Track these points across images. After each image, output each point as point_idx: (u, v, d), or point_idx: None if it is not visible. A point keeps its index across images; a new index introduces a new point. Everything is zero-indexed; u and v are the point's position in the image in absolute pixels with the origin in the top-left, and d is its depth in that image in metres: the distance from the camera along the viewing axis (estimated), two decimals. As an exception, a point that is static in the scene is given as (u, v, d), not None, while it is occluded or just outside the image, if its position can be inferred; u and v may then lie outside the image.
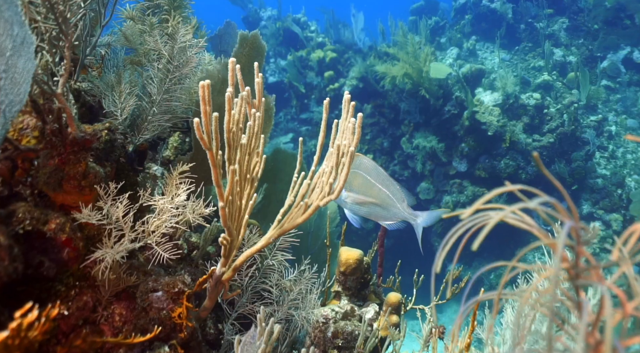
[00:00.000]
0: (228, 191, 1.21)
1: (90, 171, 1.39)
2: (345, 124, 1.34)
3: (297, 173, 1.47)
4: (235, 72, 1.28)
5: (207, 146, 1.12)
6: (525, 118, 7.17)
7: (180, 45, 1.95)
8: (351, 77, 8.54)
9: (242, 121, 1.24)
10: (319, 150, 1.45)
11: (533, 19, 9.20)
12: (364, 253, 2.44)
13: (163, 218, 1.41)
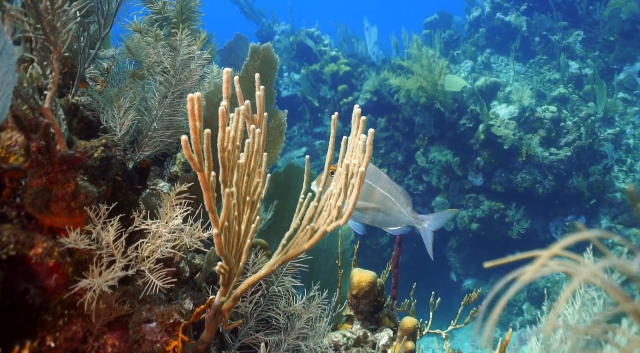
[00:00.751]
0: (223, 216, 1.09)
1: (80, 192, 1.30)
2: (355, 141, 1.22)
3: (304, 193, 1.36)
4: (232, 83, 1.18)
5: (198, 167, 1.00)
6: (541, 131, 7.03)
7: (183, 57, 1.85)
8: (365, 91, 8.45)
9: (240, 139, 1.14)
10: (326, 170, 1.35)
11: (548, 32, 9.08)
12: (378, 272, 2.32)
13: (157, 242, 1.31)
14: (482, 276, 7.55)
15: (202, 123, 0.96)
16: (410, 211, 2.09)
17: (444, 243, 7.76)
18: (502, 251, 7.30)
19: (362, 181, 1.10)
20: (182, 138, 0.94)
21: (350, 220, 1.94)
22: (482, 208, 7.11)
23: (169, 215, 1.39)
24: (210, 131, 0.98)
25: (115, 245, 1.29)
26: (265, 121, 1.31)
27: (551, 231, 7.12)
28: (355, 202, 1.13)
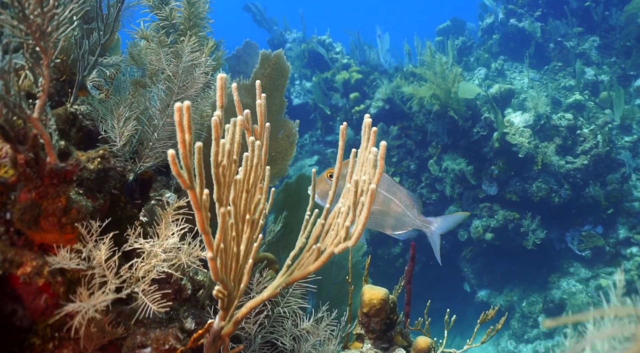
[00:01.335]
0: (219, 238, 1.00)
1: (73, 207, 1.21)
2: (365, 154, 1.11)
3: (310, 210, 1.27)
4: (226, 91, 1.09)
5: (187, 184, 0.91)
6: (557, 139, 6.92)
7: (185, 64, 1.78)
8: (377, 99, 8.37)
9: (238, 152, 1.05)
10: (334, 185, 1.26)
11: (562, 38, 8.96)
12: (390, 283, 2.22)
13: (152, 262, 1.23)
14: (496, 287, 7.42)
15: (192, 135, 0.87)
16: (417, 214, 1.99)
17: (458, 253, 7.65)
18: (517, 261, 7.18)
19: (373, 199, 1.01)
20: (169, 153, 0.85)
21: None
22: (496, 218, 6.99)
23: (164, 233, 1.30)
24: (201, 144, 0.89)
25: (108, 265, 1.21)
26: (267, 132, 1.22)
27: (567, 241, 6.99)
28: (365, 222, 1.03)
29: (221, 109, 0.95)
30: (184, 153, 0.86)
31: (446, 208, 7.55)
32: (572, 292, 6.70)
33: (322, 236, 1.16)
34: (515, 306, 7.11)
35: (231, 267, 1.08)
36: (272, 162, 2.28)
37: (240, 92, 2.22)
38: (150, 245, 1.26)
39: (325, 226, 1.17)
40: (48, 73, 1.16)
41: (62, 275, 1.24)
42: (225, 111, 1.03)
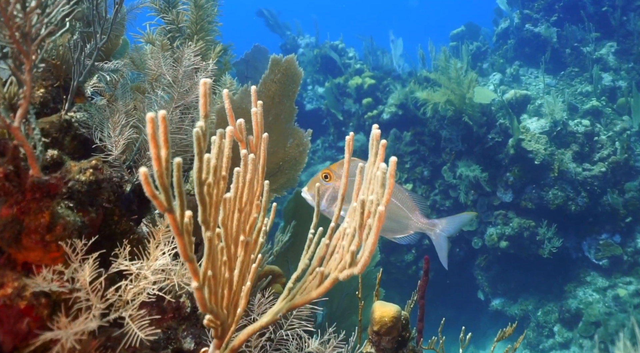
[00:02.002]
0: (205, 265, 0.89)
1: (57, 222, 1.12)
2: (373, 170, 1.00)
3: (314, 228, 1.17)
4: (211, 98, 0.99)
5: (164, 206, 0.79)
6: (574, 146, 6.79)
7: (186, 69, 1.68)
8: (390, 104, 8.29)
9: (227, 168, 0.95)
10: (339, 202, 1.15)
11: (579, 43, 8.82)
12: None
13: (141, 284, 1.13)
14: (511, 295, 7.29)
15: (170, 151, 0.77)
16: (420, 216, 1.89)
17: (472, 260, 7.53)
18: (532, 270, 7.06)
19: (382, 223, 0.90)
20: (141, 172, 0.75)
21: None
22: (511, 226, 6.87)
23: (154, 254, 1.21)
24: (180, 160, 0.79)
25: (93, 287, 1.11)
26: (264, 144, 1.12)
27: (584, 250, 6.85)
28: (372, 249, 0.92)
29: (204, 120, 0.85)
30: (159, 171, 0.76)
31: (460, 216, 7.42)
32: (589, 302, 6.57)
33: (327, 259, 1.06)
34: (531, 316, 6.99)
35: (223, 295, 0.97)
36: (280, 172, 2.19)
37: (247, 98, 2.12)
38: (138, 267, 1.16)
39: (330, 247, 1.07)
40: (30, 79, 1.07)
41: (47, 297, 1.14)
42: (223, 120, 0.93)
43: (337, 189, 1.78)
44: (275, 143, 2.16)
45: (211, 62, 1.83)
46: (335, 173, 1.80)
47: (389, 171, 0.90)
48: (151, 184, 0.76)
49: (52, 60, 1.67)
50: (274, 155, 2.17)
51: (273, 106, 2.14)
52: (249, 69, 5.19)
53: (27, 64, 1.07)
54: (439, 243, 1.95)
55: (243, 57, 5.48)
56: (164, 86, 1.73)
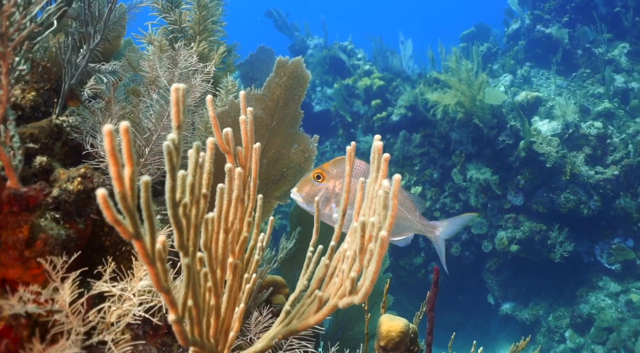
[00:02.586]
0: (185, 295, 0.79)
1: (38, 237, 1.04)
2: (374, 187, 0.90)
3: (313, 245, 1.08)
4: (184, 106, 0.90)
5: (129, 233, 0.68)
6: (586, 149, 6.67)
7: (181, 71, 1.60)
8: (399, 106, 8.20)
9: (208, 185, 0.86)
10: (340, 218, 1.06)
11: (591, 44, 8.70)
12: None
13: (125, 306, 1.05)
14: (521, 300, 7.20)
15: (136, 168, 0.68)
16: (419, 218, 1.82)
17: (482, 264, 7.44)
18: (544, 274, 6.95)
19: (384, 250, 0.80)
20: (98, 195, 0.66)
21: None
22: (522, 229, 6.77)
23: (138, 275, 1.12)
24: (148, 179, 0.69)
25: (73, 309, 1.03)
26: (256, 155, 1.03)
27: (596, 254, 6.74)
28: (374, 278, 0.82)
29: (177, 131, 0.76)
30: (121, 193, 0.66)
31: (469, 219, 7.32)
32: (601, 307, 6.46)
33: (326, 281, 0.97)
34: (542, 321, 6.89)
35: (209, 324, 0.88)
36: (283, 179, 2.10)
37: (250, 102, 2.03)
38: (121, 288, 1.07)
39: (329, 268, 0.98)
40: (7, 82, 0.99)
41: (27, 317, 1.06)
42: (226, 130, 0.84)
43: (330, 191, 1.69)
44: (279, 149, 2.08)
45: (210, 63, 1.75)
46: (329, 172, 1.71)
47: (392, 191, 0.80)
48: (112, 208, 0.67)
49: (42, 61, 1.60)
50: (277, 161, 2.09)
51: (277, 110, 2.06)
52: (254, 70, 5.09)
53: (4, 66, 0.99)
54: (439, 245, 1.88)
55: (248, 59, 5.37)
56: (161, 89, 1.64)
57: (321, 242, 1.14)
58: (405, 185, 7.83)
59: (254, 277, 0.99)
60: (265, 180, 2.08)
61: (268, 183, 2.08)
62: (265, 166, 2.06)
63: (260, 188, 2.06)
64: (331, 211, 1.69)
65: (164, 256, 0.71)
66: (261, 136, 2.02)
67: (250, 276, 0.99)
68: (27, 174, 1.40)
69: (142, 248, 0.70)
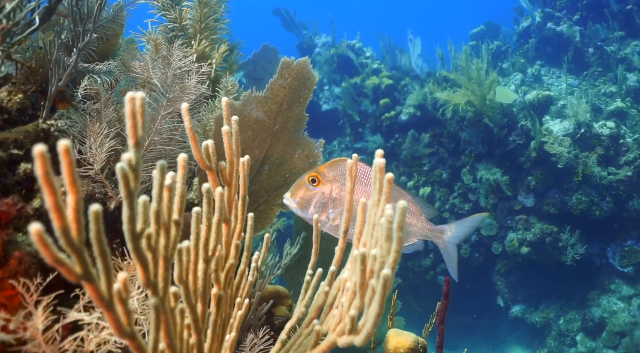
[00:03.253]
0: (154, 339, 0.68)
1: (11, 255, 0.95)
2: (377, 213, 0.78)
3: (312, 268, 0.98)
4: (141, 118, 0.79)
5: (76, 274, 0.57)
6: (599, 149, 6.54)
7: (175, 71, 1.50)
8: (408, 105, 8.10)
9: (180, 209, 0.76)
10: (342, 240, 0.95)
11: (603, 42, 8.56)
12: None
13: (103, 335, 0.95)
14: (532, 302, 7.08)
15: (80, 195, 0.58)
16: (425, 222, 1.70)
17: (491, 266, 7.32)
18: (554, 277, 6.84)
19: (388, 290, 0.68)
20: (32, 231, 0.56)
21: None
22: (533, 231, 6.65)
23: None
24: (98, 209, 0.59)
25: (47, 337, 0.93)
26: (245, 170, 0.92)
27: (608, 256, 6.62)
28: (377, 321, 0.70)
29: (134, 149, 0.65)
30: (61, 227, 0.56)
31: (479, 220, 7.22)
32: (613, 311, 6.35)
33: (325, 311, 0.86)
34: (552, 324, 6.78)
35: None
36: (286, 185, 2.00)
37: (251, 105, 1.93)
38: (96, 317, 0.97)
39: (329, 297, 0.87)
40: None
41: (1, 343, 0.97)
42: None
43: (326, 195, 1.57)
44: (282, 154, 1.98)
45: (206, 64, 1.65)
46: (325, 175, 1.59)
47: (396, 221, 0.68)
48: (51, 247, 0.56)
49: (27, 62, 1.50)
50: (280, 167, 1.98)
51: (280, 113, 1.95)
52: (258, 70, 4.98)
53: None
54: (447, 251, 1.76)
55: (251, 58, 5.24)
56: (154, 91, 1.55)
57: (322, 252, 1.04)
58: (413, 185, 7.73)
59: (246, 303, 0.89)
60: (267, 187, 1.98)
61: (270, 190, 1.98)
62: (267, 172, 1.96)
63: (262, 194, 1.97)
64: (327, 218, 1.58)
65: (126, 296, 0.60)
66: (263, 141, 1.92)
67: (243, 301, 0.89)
68: (10, 183, 1.31)
69: (94, 292, 0.59)
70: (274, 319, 1.96)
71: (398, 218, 0.66)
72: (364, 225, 0.80)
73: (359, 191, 1.58)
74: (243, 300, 0.88)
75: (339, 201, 1.54)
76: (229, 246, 0.82)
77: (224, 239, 0.82)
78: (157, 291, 0.68)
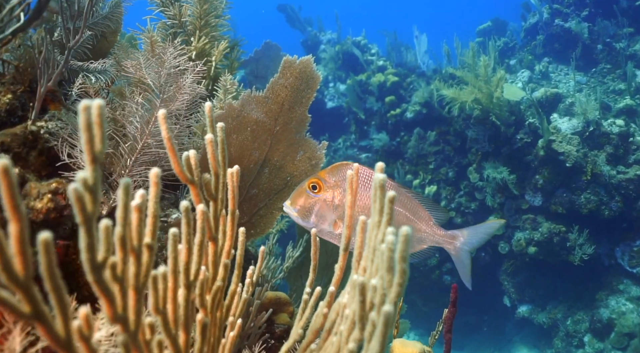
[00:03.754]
0: None
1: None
2: (377, 236, 0.67)
3: (310, 286, 0.90)
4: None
5: (23, 313, 0.49)
6: (608, 148, 6.44)
7: (168, 70, 1.42)
8: (414, 103, 8.02)
9: (153, 232, 0.68)
10: (341, 259, 0.87)
11: (611, 39, 8.46)
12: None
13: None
14: (539, 303, 7.00)
15: (25, 223, 0.50)
16: (435, 227, 1.61)
17: (498, 265, 7.25)
18: (562, 277, 6.76)
19: (389, 328, 0.58)
20: None
21: None
22: (540, 231, 6.56)
23: (95, 324, 0.95)
24: (49, 238, 0.51)
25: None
26: (234, 181, 0.84)
27: (617, 256, 6.53)
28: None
29: (91, 167, 0.57)
30: (1, 264, 0.48)
31: (486, 218, 7.17)
32: (622, 312, 6.26)
33: (323, 337, 0.78)
34: (560, 325, 6.69)
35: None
36: (287, 188, 1.92)
37: (250, 105, 1.85)
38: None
39: (327, 321, 0.79)
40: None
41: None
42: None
43: (329, 203, 1.48)
44: (283, 156, 1.90)
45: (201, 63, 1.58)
46: (326, 181, 1.50)
47: (399, 251, 0.59)
48: None
49: (14, 62, 1.43)
50: (280, 170, 1.91)
51: (282, 114, 1.87)
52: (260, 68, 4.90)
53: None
54: (460, 259, 1.66)
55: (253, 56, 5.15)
56: (147, 91, 1.47)
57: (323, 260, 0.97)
58: (419, 184, 7.65)
59: (239, 323, 0.81)
60: (267, 190, 1.91)
61: (270, 193, 1.91)
62: (267, 175, 1.89)
63: (262, 198, 1.89)
64: (330, 227, 1.50)
65: (89, 333, 0.53)
66: (263, 142, 1.85)
67: (236, 321, 0.81)
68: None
69: (47, 334, 0.51)
70: (275, 327, 1.89)
71: (401, 247, 0.57)
72: (364, 247, 0.71)
73: (362, 196, 1.50)
74: (236, 319, 0.81)
75: (342, 209, 1.46)
76: (217, 267, 0.75)
77: (211, 258, 0.74)
78: (128, 326, 0.60)
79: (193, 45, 2.27)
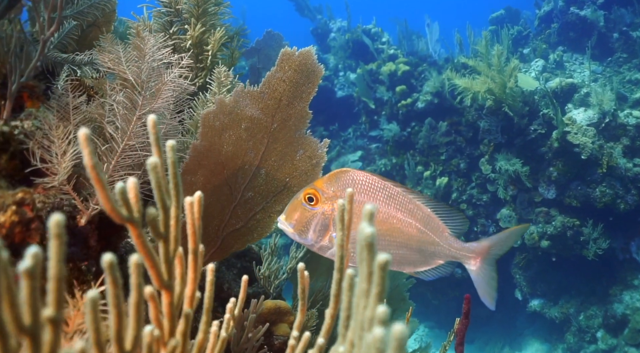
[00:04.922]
0: None
1: None
2: (363, 306, 0.45)
3: (298, 328, 0.77)
4: None
5: None
6: (624, 140, 6.27)
7: (150, 64, 1.29)
8: (425, 92, 7.86)
9: (57, 300, 0.53)
10: (332, 307, 0.74)
11: (628, 27, 8.26)
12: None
13: None
14: (551, 297, 6.86)
15: None
16: (451, 239, 1.44)
17: (510, 259, 7.11)
18: (575, 271, 6.62)
19: None
20: None
21: None
22: (553, 224, 6.41)
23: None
24: (30, 266, 0.39)
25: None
26: (195, 214, 0.70)
27: (632, 251, 6.38)
28: None
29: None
30: None
31: (498, 211, 7.02)
32: (637, 307, 6.13)
33: None
34: (572, 319, 6.57)
35: None
36: (286, 190, 1.79)
37: (244, 101, 1.71)
38: None
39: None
40: None
41: None
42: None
43: (328, 215, 1.33)
44: (281, 155, 1.76)
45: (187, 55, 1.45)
46: (324, 192, 1.35)
47: (394, 345, 0.40)
48: None
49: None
50: (278, 170, 1.77)
51: (279, 110, 1.73)
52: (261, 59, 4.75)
53: None
54: (480, 276, 1.50)
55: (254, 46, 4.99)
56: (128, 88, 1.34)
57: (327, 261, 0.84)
58: (430, 175, 7.51)
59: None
60: (264, 193, 1.78)
61: (268, 196, 1.78)
62: (264, 176, 1.76)
63: (259, 201, 1.76)
64: (331, 242, 1.35)
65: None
66: (259, 141, 1.71)
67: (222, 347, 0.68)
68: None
69: None
70: (274, 339, 1.77)
71: (395, 339, 0.40)
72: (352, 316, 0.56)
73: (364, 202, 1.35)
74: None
75: None
76: (173, 320, 0.61)
77: (166, 310, 0.61)
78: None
79: (189, 34, 2.14)
